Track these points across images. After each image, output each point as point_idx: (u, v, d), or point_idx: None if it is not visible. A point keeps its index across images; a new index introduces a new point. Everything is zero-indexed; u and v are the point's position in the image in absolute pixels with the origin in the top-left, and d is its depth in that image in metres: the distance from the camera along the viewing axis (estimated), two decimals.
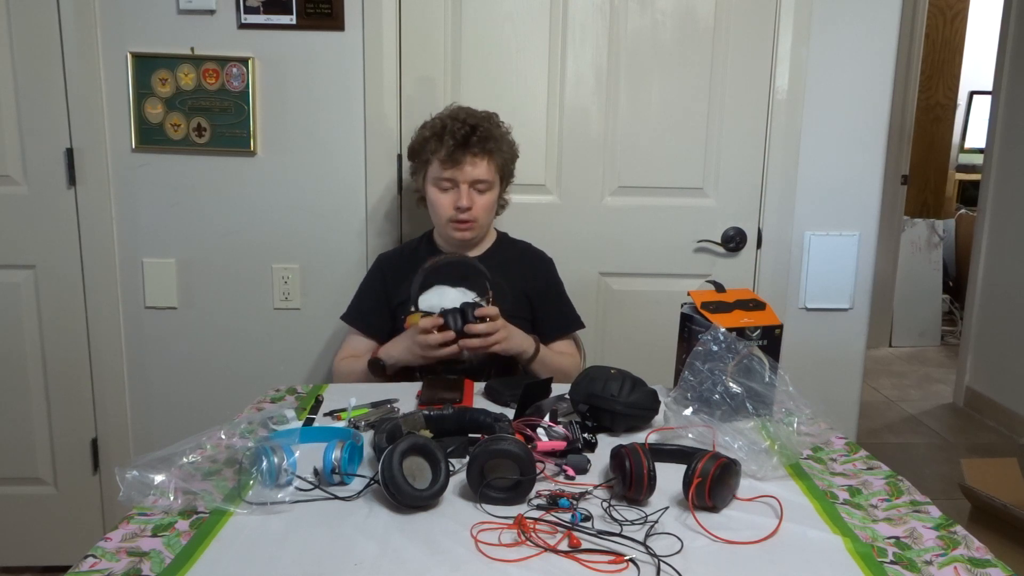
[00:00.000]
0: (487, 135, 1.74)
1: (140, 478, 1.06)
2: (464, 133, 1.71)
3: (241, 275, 2.18)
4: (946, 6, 5.24)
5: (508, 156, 1.82)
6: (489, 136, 1.74)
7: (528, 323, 1.82)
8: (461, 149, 1.71)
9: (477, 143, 1.72)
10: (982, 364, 3.72)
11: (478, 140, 1.72)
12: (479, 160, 1.73)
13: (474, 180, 1.74)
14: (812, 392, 1.36)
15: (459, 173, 1.73)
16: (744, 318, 1.45)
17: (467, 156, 1.72)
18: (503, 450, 1.07)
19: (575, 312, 1.91)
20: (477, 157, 1.73)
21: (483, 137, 1.73)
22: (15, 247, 2.12)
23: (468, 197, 1.74)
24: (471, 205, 1.74)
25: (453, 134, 1.71)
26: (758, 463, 1.18)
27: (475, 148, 1.72)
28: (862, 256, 2.21)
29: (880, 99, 2.14)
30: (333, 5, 2.04)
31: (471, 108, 1.81)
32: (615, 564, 0.93)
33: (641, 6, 2.09)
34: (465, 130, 1.71)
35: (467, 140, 1.71)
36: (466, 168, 1.73)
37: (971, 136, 5.65)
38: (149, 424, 2.25)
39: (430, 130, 1.77)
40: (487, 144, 1.74)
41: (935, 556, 0.97)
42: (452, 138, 1.71)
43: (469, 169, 1.73)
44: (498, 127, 1.80)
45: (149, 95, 2.07)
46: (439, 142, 1.73)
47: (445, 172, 1.74)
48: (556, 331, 1.87)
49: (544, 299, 1.87)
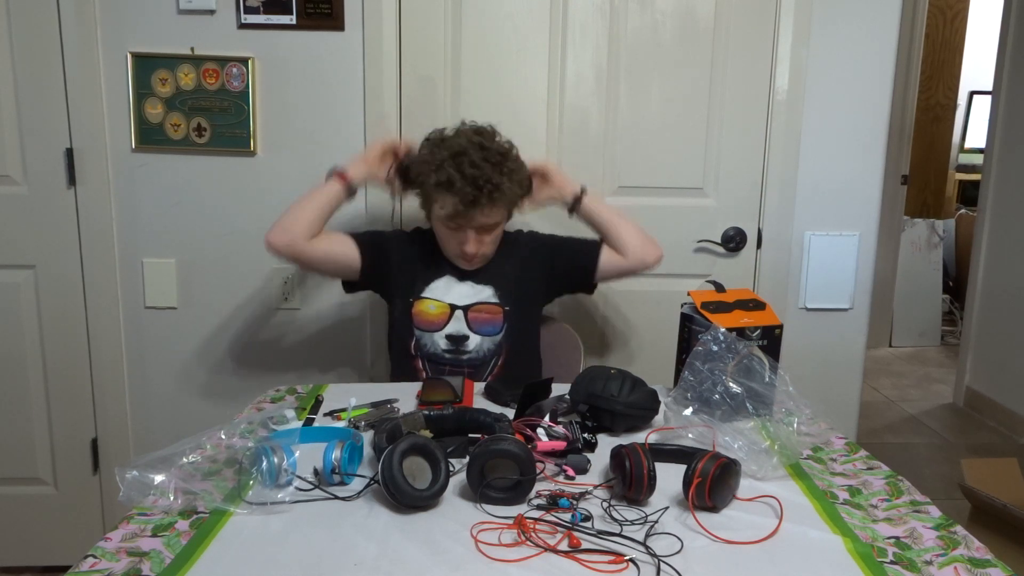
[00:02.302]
0: (496, 192, 1.65)
1: (140, 478, 1.07)
2: (472, 196, 1.63)
3: (241, 275, 2.18)
4: (946, 6, 5.24)
5: (519, 195, 1.75)
6: (499, 193, 1.66)
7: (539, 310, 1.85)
8: (469, 208, 1.65)
9: (486, 202, 1.65)
10: (982, 364, 3.72)
11: (487, 199, 1.65)
12: (487, 212, 1.67)
13: (483, 224, 1.70)
14: (812, 392, 1.36)
15: (467, 222, 1.68)
16: (744, 318, 1.45)
17: (475, 213, 1.66)
18: (503, 450, 1.07)
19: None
20: (484, 211, 1.67)
21: (492, 196, 1.65)
22: (15, 247, 2.12)
23: (475, 243, 1.71)
24: (477, 251, 1.72)
25: (461, 195, 1.63)
26: (758, 463, 1.18)
27: (483, 205, 1.65)
28: (862, 256, 2.21)
29: (880, 99, 2.14)
30: (333, 5, 2.04)
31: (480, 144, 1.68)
32: (615, 564, 0.93)
33: (641, 6, 2.09)
34: (473, 193, 1.63)
35: (475, 201, 1.64)
36: (473, 220, 1.68)
37: (971, 136, 5.66)
38: (149, 424, 2.26)
39: (436, 177, 1.66)
40: (496, 200, 1.66)
41: (935, 556, 0.97)
42: (460, 200, 1.63)
43: (480, 218, 1.68)
44: (508, 174, 1.68)
45: (149, 95, 2.07)
46: (445, 194, 1.65)
47: (455, 221, 1.69)
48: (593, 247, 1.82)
49: (563, 246, 1.85)
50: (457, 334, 1.74)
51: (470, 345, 1.74)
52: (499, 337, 1.76)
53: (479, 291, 1.77)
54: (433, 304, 1.75)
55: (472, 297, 1.77)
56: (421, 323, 1.76)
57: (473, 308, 1.76)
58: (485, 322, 1.76)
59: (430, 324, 1.75)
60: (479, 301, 1.76)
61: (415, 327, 1.76)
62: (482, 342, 1.75)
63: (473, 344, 1.75)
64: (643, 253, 1.79)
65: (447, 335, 1.74)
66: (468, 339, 1.74)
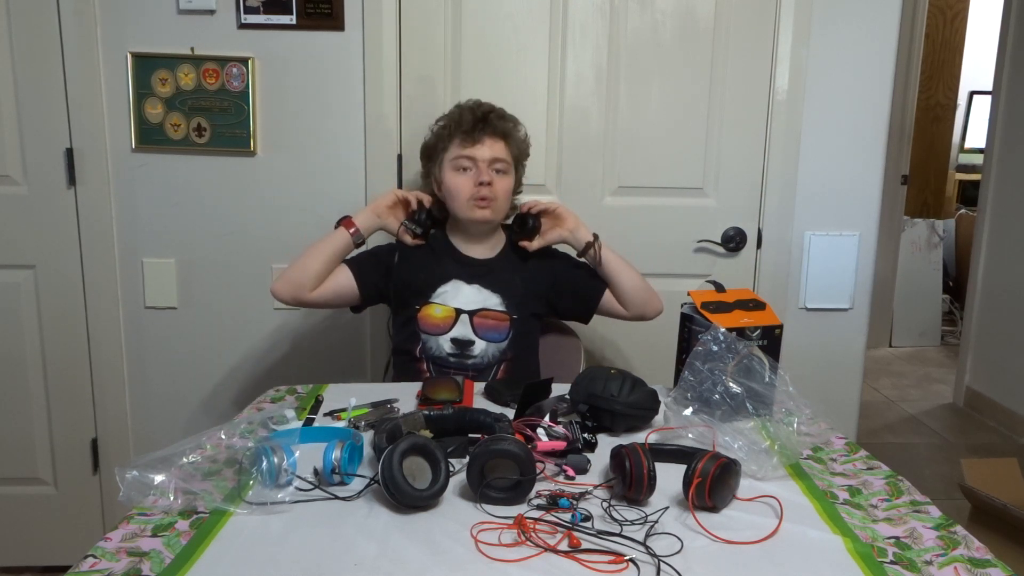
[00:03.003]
0: (503, 116, 1.80)
1: (140, 478, 1.06)
2: (482, 112, 1.77)
3: (241, 275, 2.18)
4: (946, 6, 5.24)
5: (522, 145, 1.85)
6: (503, 120, 1.79)
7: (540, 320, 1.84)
8: (480, 127, 1.75)
9: (495, 121, 1.77)
10: (982, 364, 3.72)
11: (496, 118, 1.78)
12: (497, 141, 1.77)
13: (493, 159, 1.76)
14: (812, 392, 1.36)
15: (478, 151, 1.75)
16: (744, 318, 1.45)
17: (486, 135, 1.75)
18: (503, 450, 1.07)
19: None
20: (495, 137, 1.76)
21: (500, 117, 1.79)
22: (15, 247, 2.12)
23: (488, 173, 1.75)
24: (491, 180, 1.75)
25: (472, 112, 1.77)
26: (758, 463, 1.18)
27: (493, 126, 1.76)
28: (862, 256, 2.21)
29: (880, 99, 2.14)
30: (333, 5, 2.04)
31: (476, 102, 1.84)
32: (615, 564, 0.93)
33: (641, 6, 2.09)
34: (482, 111, 1.78)
35: (486, 118, 1.76)
36: (485, 147, 1.75)
37: (971, 136, 5.65)
38: (149, 424, 2.26)
39: (445, 120, 1.81)
40: (504, 124, 1.79)
41: (935, 556, 0.97)
42: (471, 115, 1.76)
43: (488, 148, 1.75)
44: (508, 117, 1.83)
45: (149, 95, 2.07)
46: (457, 125, 1.77)
47: (464, 151, 1.75)
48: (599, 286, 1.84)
49: (570, 274, 1.86)
50: (462, 338, 1.74)
51: (475, 350, 1.74)
52: (504, 344, 1.76)
53: (487, 297, 1.77)
54: (439, 308, 1.75)
55: (479, 303, 1.76)
56: (427, 327, 1.75)
57: (479, 314, 1.75)
58: (491, 328, 1.75)
59: (435, 328, 1.75)
60: (486, 307, 1.76)
61: (421, 330, 1.76)
62: (487, 348, 1.75)
63: (478, 349, 1.74)
64: (643, 308, 1.83)
65: (452, 339, 1.74)
66: (473, 344, 1.74)
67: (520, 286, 1.80)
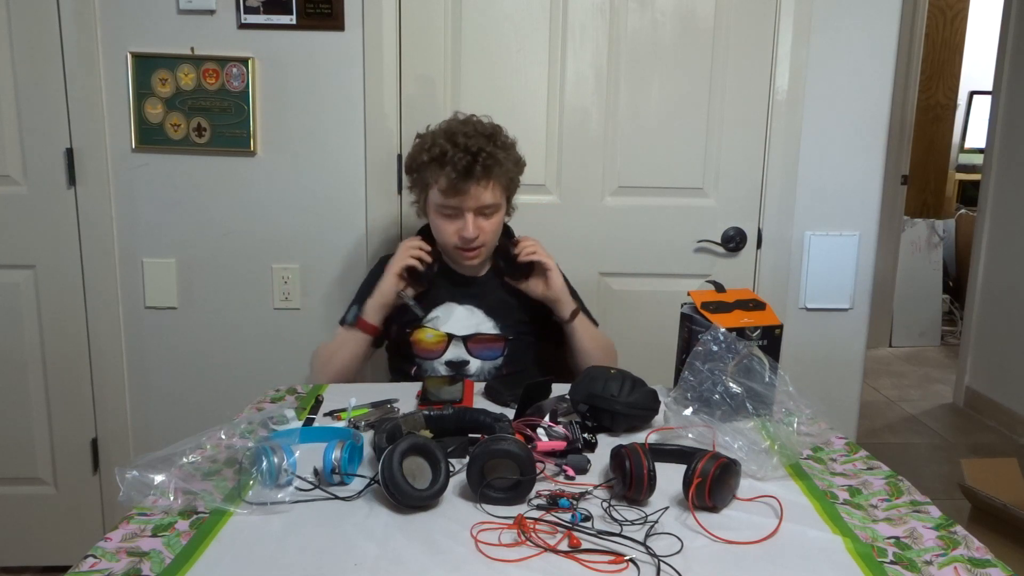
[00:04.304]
0: (491, 160, 1.62)
1: (140, 478, 1.06)
2: (466, 163, 1.59)
3: (241, 275, 2.18)
4: (946, 6, 5.24)
5: (514, 174, 1.72)
6: (493, 161, 1.62)
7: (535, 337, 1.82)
8: (464, 179, 1.60)
9: (481, 172, 1.61)
10: (982, 364, 3.72)
11: (482, 168, 1.61)
12: (483, 187, 1.63)
13: (480, 207, 1.65)
14: (812, 392, 1.36)
15: (463, 201, 1.63)
16: (744, 318, 1.45)
17: (471, 183, 1.61)
18: (503, 450, 1.07)
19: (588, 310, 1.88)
20: (481, 184, 1.62)
21: (487, 164, 1.61)
22: (15, 247, 2.12)
23: (474, 227, 1.65)
24: (477, 235, 1.66)
25: (454, 164, 1.59)
26: (758, 463, 1.18)
27: (479, 176, 1.61)
28: (862, 256, 2.21)
29: (880, 99, 2.14)
30: (333, 5, 2.04)
31: (472, 122, 1.69)
32: (615, 564, 0.93)
33: (641, 6, 2.09)
34: (467, 160, 1.59)
35: (470, 169, 1.59)
36: (470, 197, 1.63)
37: (971, 136, 5.65)
38: (149, 424, 2.25)
39: (428, 154, 1.64)
40: (491, 171, 1.63)
41: (935, 556, 0.97)
42: (454, 168, 1.59)
43: (473, 198, 1.63)
44: (502, 147, 1.67)
45: (149, 95, 2.07)
46: (439, 169, 1.62)
47: (448, 201, 1.64)
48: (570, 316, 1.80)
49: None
50: (457, 360, 1.72)
51: (471, 369, 1.73)
52: (499, 360, 1.75)
53: (480, 321, 1.74)
54: (431, 333, 1.72)
55: (473, 327, 1.73)
56: (420, 351, 1.73)
57: (472, 339, 1.73)
58: (485, 348, 1.74)
59: (429, 353, 1.73)
60: (480, 332, 1.74)
61: (415, 355, 1.74)
62: (483, 365, 1.73)
63: (474, 368, 1.73)
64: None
65: (447, 361, 1.73)
66: (468, 363, 1.73)
67: (513, 303, 1.77)
